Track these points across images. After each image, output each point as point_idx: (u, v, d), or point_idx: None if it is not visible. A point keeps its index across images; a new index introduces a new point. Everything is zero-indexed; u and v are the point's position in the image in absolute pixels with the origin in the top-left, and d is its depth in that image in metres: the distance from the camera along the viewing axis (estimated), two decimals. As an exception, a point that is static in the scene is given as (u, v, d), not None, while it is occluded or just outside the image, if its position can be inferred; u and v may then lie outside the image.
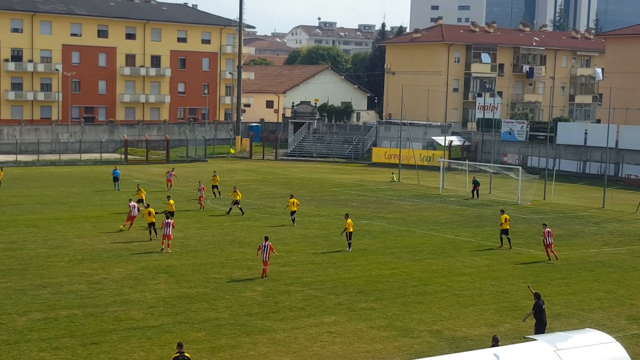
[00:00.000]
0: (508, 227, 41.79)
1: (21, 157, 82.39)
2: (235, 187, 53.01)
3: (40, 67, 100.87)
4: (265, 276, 33.65)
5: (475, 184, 62.55)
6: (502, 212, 43.06)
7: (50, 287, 31.39)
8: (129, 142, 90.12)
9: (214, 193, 57.96)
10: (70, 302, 29.33)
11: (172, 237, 39.03)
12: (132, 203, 44.76)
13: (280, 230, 45.14)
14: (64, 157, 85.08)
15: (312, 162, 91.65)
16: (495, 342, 20.49)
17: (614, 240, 45.26)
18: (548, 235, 38.61)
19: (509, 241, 41.67)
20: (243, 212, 50.25)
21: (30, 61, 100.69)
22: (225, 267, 35.46)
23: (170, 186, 62.05)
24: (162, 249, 38.78)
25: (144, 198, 50.33)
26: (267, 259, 33.69)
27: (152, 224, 41.56)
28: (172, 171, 63.56)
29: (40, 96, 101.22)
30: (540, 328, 24.99)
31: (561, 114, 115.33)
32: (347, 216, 41.14)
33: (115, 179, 61.52)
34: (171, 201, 46.32)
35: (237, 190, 51.22)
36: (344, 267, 36.11)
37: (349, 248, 40.07)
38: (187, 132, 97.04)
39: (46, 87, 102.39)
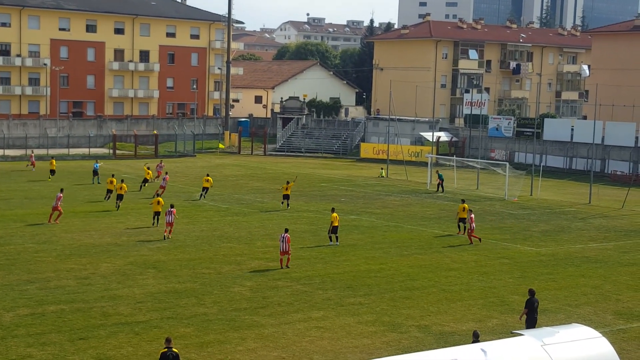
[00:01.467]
0: (465, 217, 43.31)
1: (9, 152, 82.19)
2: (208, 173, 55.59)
3: (28, 62, 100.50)
4: (288, 266, 34.62)
5: (440, 178, 63.35)
6: (463, 201, 45.58)
7: (37, 282, 31.25)
8: (118, 137, 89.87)
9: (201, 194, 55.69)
10: (58, 297, 29.22)
11: (173, 224, 40.79)
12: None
13: (268, 225, 45.19)
14: (52, 151, 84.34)
15: (300, 157, 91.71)
16: (475, 338, 20.56)
17: (600, 236, 45.54)
18: (471, 221, 41.45)
19: (465, 229, 43.35)
20: (200, 198, 53.84)
21: (18, 55, 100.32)
22: (213, 262, 35.46)
23: (157, 178, 61.90)
24: (164, 237, 40.21)
25: (149, 178, 57.78)
26: (287, 250, 34.62)
27: (157, 213, 43.41)
28: (162, 163, 64.66)
29: (28, 91, 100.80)
30: (531, 324, 25.11)
31: (548, 111, 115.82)
32: (333, 210, 41.58)
33: (95, 173, 61.61)
34: (160, 199, 45.22)
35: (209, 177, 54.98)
36: (333, 263, 36.20)
37: (337, 242, 40.18)
38: (175, 127, 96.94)
39: (34, 81, 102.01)
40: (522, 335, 17.43)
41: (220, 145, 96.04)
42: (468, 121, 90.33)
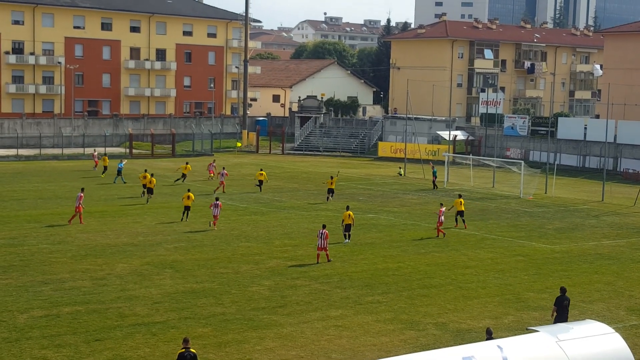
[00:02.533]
0: (463, 209, 45.78)
1: (22, 152, 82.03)
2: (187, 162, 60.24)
3: (42, 60, 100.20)
4: (329, 260, 35.65)
5: (434, 174, 64.26)
6: (460, 196, 47.46)
7: (52, 283, 31.04)
8: (134, 136, 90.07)
9: (260, 188, 59.21)
10: (73, 298, 29.02)
11: (218, 217, 43.27)
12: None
13: (287, 225, 45.43)
14: (67, 151, 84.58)
15: (318, 156, 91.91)
16: (489, 335, 20.73)
17: (613, 233, 45.67)
18: (442, 215, 42.78)
19: (464, 222, 45.60)
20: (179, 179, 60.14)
21: (32, 54, 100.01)
22: (231, 262, 35.58)
23: (212, 178, 63.97)
24: (209, 224, 43.19)
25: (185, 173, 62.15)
26: (324, 246, 35.53)
27: (187, 208, 45.26)
28: (214, 162, 66.38)
29: (42, 89, 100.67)
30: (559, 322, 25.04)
31: (561, 110, 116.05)
32: (347, 208, 42.00)
33: (119, 172, 61.97)
34: (191, 194, 46.16)
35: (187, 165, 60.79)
36: (351, 261, 36.39)
37: (348, 239, 40.51)
38: (193, 126, 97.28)
39: (48, 80, 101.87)
40: (538, 331, 17.63)
41: (238, 144, 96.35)
42: (484, 120, 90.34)
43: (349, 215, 40.71)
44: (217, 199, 44.36)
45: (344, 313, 28.21)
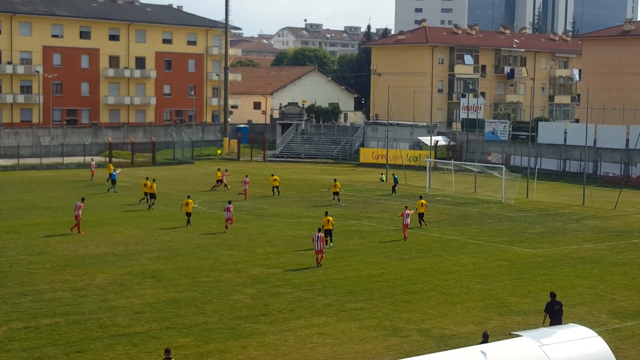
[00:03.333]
0: (424, 211, 47.58)
1: (0, 162, 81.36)
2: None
3: (20, 69, 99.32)
4: (320, 265, 36.45)
5: (395, 180, 65.20)
6: (421, 197, 50.02)
7: (31, 294, 30.65)
8: (114, 145, 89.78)
9: (273, 191, 61.33)
10: (53, 310, 28.67)
11: (233, 220, 45.56)
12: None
13: (269, 232, 45.29)
14: (46, 160, 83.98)
15: (300, 162, 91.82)
16: (485, 339, 20.72)
17: (594, 237, 45.86)
18: (407, 217, 43.81)
19: (424, 222, 47.60)
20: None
21: (10, 63, 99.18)
22: (213, 270, 35.37)
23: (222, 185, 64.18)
24: (226, 227, 45.17)
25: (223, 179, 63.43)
26: (322, 248, 36.74)
27: (189, 214, 46.74)
28: (226, 172, 66.24)
29: (20, 99, 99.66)
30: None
31: (541, 114, 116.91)
32: (326, 214, 41.98)
33: (113, 182, 61.64)
34: (190, 201, 47.48)
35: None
36: (333, 268, 36.28)
37: (330, 243, 40.37)
38: (173, 134, 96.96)
39: (26, 89, 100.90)
40: (521, 336, 17.62)
41: (218, 152, 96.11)
42: (465, 125, 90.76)
43: (329, 220, 40.67)
44: (229, 202, 46.14)
45: (327, 320, 28.10)
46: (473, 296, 31.69)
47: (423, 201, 48.07)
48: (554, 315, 25.28)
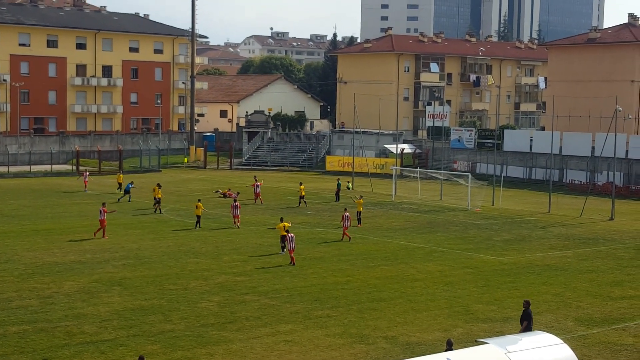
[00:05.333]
0: (361, 210, 51.81)
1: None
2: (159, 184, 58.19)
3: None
4: (294, 263, 38.22)
5: (338, 186, 66.10)
6: (361, 197, 54.04)
7: (-1, 302, 30.63)
8: (81, 153, 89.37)
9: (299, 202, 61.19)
10: (20, 317, 28.62)
11: (239, 216, 49.14)
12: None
13: (235, 240, 45.27)
14: (13, 169, 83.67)
15: (266, 170, 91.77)
16: (449, 346, 20.88)
17: (560, 244, 46.27)
18: (346, 219, 45.47)
19: (359, 221, 50.93)
20: (157, 211, 55.26)
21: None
22: (180, 278, 35.35)
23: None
24: (234, 223, 48.88)
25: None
26: (292, 247, 38.83)
27: (198, 216, 49.11)
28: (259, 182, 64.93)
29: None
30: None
31: (507, 122, 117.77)
32: (281, 220, 42.52)
33: (127, 192, 61.37)
34: (200, 205, 49.62)
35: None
36: (300, 276, 36.35)
37: (282, 251, 40.90)
38: (140, 142, 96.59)
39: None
40: (487, 343, 17.77)
41: (185, 160, 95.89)
42: (431, 133, 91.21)
43: (284, 226, 40.95)
44: (235, 201, 50.47)
45: (294, 328, 28.16)
46: (439, 303, 31.89)
47: (361, 200, 52.52)
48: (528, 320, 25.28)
